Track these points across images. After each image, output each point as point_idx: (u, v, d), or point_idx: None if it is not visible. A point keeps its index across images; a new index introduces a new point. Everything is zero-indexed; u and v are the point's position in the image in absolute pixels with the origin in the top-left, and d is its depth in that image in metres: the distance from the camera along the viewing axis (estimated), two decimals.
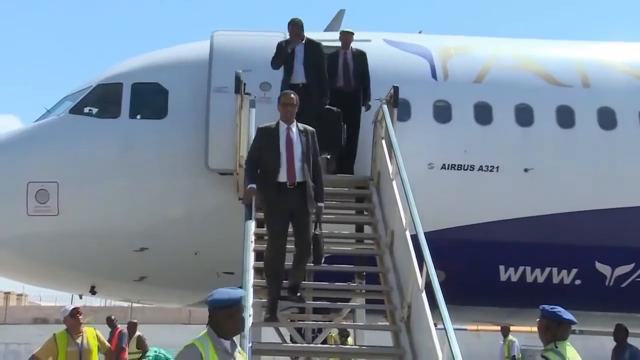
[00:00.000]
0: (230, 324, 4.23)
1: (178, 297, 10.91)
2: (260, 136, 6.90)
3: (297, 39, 8.73)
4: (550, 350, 5.03)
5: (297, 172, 6.71)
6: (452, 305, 6.30)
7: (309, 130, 6.94)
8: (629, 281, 9.31)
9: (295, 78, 8.64)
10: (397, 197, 7.57)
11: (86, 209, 9.25)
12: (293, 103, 6.86)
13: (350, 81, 9.20)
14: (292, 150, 6.72)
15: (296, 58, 8.70)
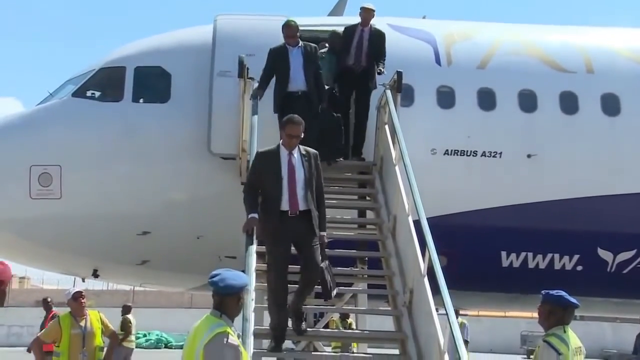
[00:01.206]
0: (238, 308, 4.30)
1: (180, 280, 10.93)
2: (260, 161, 6.41)
3: (293, 42, 8.27)
4: (552, 335, 5.05)
5: (299, 201, 6.27)
6: (453, 290, 6.32)
7: (311, 154, 6.45)
8: (630, 267, 9.32)
9: (293, 85, 8.16)
10: (400, 183, 7.58)
11: (89, 193, 9.26)
12: (299, 135, 6.33)
13: (361, 60, 8.95)
14: (295, 177, 6.28)
15: (293, 64, 8.20)
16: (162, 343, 34.22)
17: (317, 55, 8.42)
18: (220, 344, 4.07)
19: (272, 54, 8.29)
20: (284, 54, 8.22)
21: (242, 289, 4.29)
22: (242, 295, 4.29)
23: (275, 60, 8.25)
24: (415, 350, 6.60)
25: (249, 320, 5.84)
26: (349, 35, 8.98)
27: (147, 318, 34.39)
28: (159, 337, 34.71)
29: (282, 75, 8.20)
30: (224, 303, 4.26)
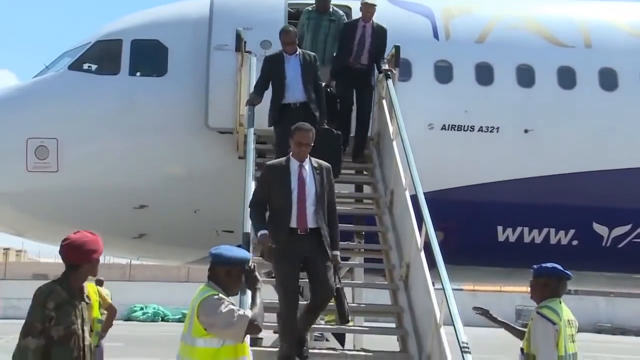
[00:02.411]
0: (228, 281, 4.27)
1: (177, 254, 10.98)
2: (268, 174, 5.97)
3: (290, 50, 7.71)
4: (545, 307, 5.12)
5: (309, 218, 5.81)
6: (450, 265, 6.36)
7: (323, 167, 5.99)
8: (625, 242, 9.37)
9: (290, 96, 7.62)
10: (397, 157, 7.59)
11: (86, 166, 9.26)
12: (309, 142, 5.89)
13: (364, 58, 8.45)
14: (305, 191, 5.82)
15: (290, 73, 7.65)
16: (159, 316, 34.43)
17: (316, 64, 7.85)
18: (214, 300, 4.13)
19: (268, 61, 7.80)
20: (280, 62, 7.70)
21: (233, 261, 4.28)
22: (234, 271, 4.27)
23: (270, 68, 7.75)
24: (412, 323, 6.65)
25: (245, 293, 5.87)
26: (349, 32, 8.49)
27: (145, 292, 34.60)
28: (156, 310, 34.91)
29: (278, 85, 7.67)
30: (213, 272, 4.29)
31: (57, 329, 4.06)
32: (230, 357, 4.16)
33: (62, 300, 4.12)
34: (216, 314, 4.08)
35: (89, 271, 4.29)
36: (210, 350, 4.13)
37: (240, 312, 4.12)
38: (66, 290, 4.18)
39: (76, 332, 4.11)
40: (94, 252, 4.30)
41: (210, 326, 4.09)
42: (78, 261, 4.26)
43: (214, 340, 4.12)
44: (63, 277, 4.25)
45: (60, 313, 4.08)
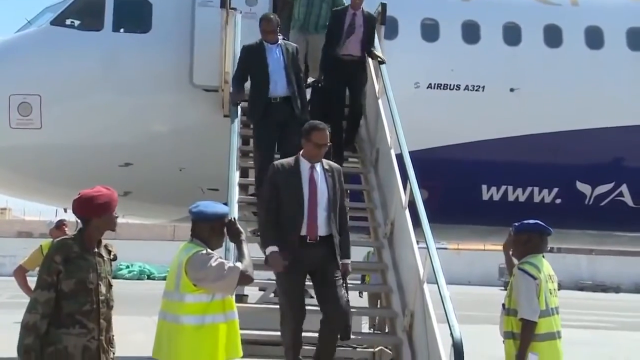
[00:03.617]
0: (211, 237, 4.34)
1: (163, 212, 10.99)
2: (277, 175, 5.43)
3: (272, 39, 7.23)
4: (527, 263, 5.20)
5: (319, 225, 5.34)
6: (434, 223, 6.41)
7: (334, 169, 5.50)
8: (607, 200, 9.47)
9: (272, 90, 7.12)
10: (383, 116, 7.59)
11: (69, 123, 9.19)
12: (326, 142, 5.40)
13: (355, 49, 7.94)
14: (316, 195, 5.34)
15: (273, 64, 7.15)
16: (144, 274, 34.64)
17: (298, 55, 7.42)
18: (202, 255, 4.18)
19: (246, 52, 7.30)
20: (261, 52, 7.17)
21: (214, 216, 4.33)
22: (216, 226, 4.33)
23: (249, 59, 7.24)
24: (395, 280, 6.73)
25: (230, 250, 5.91)
26: (337, 21, 7.95)
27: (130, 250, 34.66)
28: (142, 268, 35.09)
29: (260, 78, 7.15)
30: (196, 230, 4.36)
31: (68, 282, 4.07)
32: (219, 311, 4.22)
33: (72, 254, 4.13)
34: (206, 268, 4.13)
35: (101, 226, 4.25)
36: (199, 305, 4.17)
37: (230, 264, 4.18)
38: (79, 244, 4.18)
39: (88, 286, 4.11)
40: (102, 207, 4.25)
41: (200, 281, 4.14)
42: (86, 215, 4.26)
43: (203, 296, 4.17)
44: (78, 232, 4.27)
45: (70, 267, 4.09)
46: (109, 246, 4.40)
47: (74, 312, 4.08)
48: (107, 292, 4.23)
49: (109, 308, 4.24)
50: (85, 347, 4.07)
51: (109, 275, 4.30)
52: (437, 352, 5.39)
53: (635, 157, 9.49)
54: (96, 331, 4.12)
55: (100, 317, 4.14)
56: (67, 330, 4.06)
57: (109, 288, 4.26)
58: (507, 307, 5.22)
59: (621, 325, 19.99)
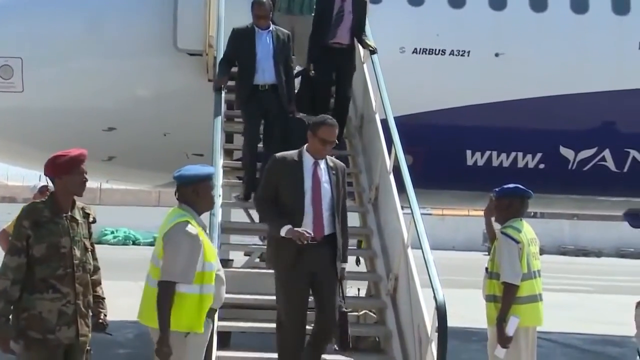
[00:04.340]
0: (196, 200, 4.34)
1: (147, 177, 10.95)
2: (277, 168, 5.15)
3: (263, 24, 7.05)
4: (509, 227, 5.27)
5: (325, 224, 5.09)
6: (419, 189, 6.44)
7: (339, 168, 5.25)
8: (590, 165, 9.52)
9: (259, 77, 6.96)
10: (368, 81, 7.56)
11: (52, 87, 9.09)
12: (334, 140, 5.19)
13: (344, 37, 7.61)
14: (320, 193, 5.09)
15: (262, 51, 6.96)
16: (130, 240, 34.61)
17: (289, 43, 7.16)
18: (178, 232, 4.18)
19: (236, 35, 7.10)
20: (251, 37, 6.99)
21: (196, 178, 4.33)
22: (201, 188, 4.33)
23: (238, 44, 7.06)
24: (380, 244, 6.77)
25: (215, 214, 5.92)
26: (325, 7, 7.59)
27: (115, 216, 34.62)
28: (127, 234, 35.06)
29: (247, 64, 7.00)
30: (180, 193, 4.36)
31: (39, 247, 4.03)
32: (197, 282, 4.22)
33: (43, 218, 4.08)
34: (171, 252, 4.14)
35: (66, 187, 4.17)
36: None
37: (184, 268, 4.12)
38: (49, 208, 4.12)
39: (60, 250, 4.06)
40: (62, 166, 4.18)
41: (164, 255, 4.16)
42: (50, 175, 4.23)
43: None
44: (49, 196, 4.23)
45: (41, 231, 4.04)
46: (87, 209, 4.33)
47: (47, 277, 4.02)
48: (83, 256, 4.15)
49: (86, 272, 4.17)
50: (60, 311, 4.02)
51: (85, 239, 4.22)
52: (420, 315, 5.45)
53: (618, 122, 9.54)
54: (72, 295, 4.06)
55: (76, 282, 4.08)
56: (41, 295, 4.01)
57: (85, 251, 4.18)
58: (490, 270, 5.29)
59: (601, 288, 20.29)
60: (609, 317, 14.33)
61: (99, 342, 4.61)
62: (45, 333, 4.01)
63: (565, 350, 10.63)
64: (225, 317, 5.86)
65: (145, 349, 4.84)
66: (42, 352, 4.02)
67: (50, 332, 4.02)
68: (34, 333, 4.01)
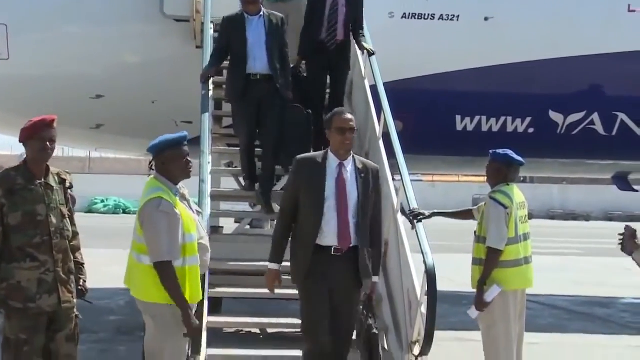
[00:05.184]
0: (168, 169, 4.19)
1: (136, 145, 10.87)
2: (301, 171, 4.68)
3: (253, 10, 6.67)
4: (498, 192, 5.29)
5: (353, 233, 4.55)
6: (408, 154, 6.44)
7: (370, 169, 4.71)
8: (579, 129, 9.54)
9: (251, 66, 6.57)
10: (356, 46, 7.52)
11: (38, 54, 8.99)
12: (352, 126, 4.64)
13: (339, 33, 7.21)
14: (346, 199, 4.55)
15: (253, 39, 6.59)
16: (120, 209, 34.63)
17: (284, 28, 6.76)
18: (152, 211, 4.08)
19: (226, 23, 6.76)
20: (241, 24, 6.62)
21: (165, 145, 4.20)
22: (172, 155, 4.18)
23: (228, 32, 6.72)
24: None
25: (205, 181, 5.92)
26: (317, 2, 7.21)
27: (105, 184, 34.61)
28: (117, 203, 35.07)
29: (238, 53, 6.63)
30: (155, 164, 4.23)
31: (14, 215, 3.99)
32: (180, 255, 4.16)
33: (16, 186, 4.03)
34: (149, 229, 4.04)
35: (32, 152, 4.08)
36: None
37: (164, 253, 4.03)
38: (22, 175, 4.07)
39: (36, 218, 4.03)
40: (26, 131, 4.10)
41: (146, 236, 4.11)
42: (20, 141, 4.17)
43: None
44: (23, 163, 4.17)
45: (15, 199, 4.00)
46: (62, 174, 4.24)
47: (24, 246, 3.99)
48: (60, 223, 4.09)
49: (63, 238, 4.12)
50: (40, 280, 3.99)
51: (62, 205, 4.15)
52: (410, 279, 5.49)
53: (607, 86, 9.54)
54: (50, 263, 4.03)
55: (54, 249, 4.04)
56: (19, 264, 3.99)
57: (62, 218, 4.12)
58: (477, 234, 5.32)
59: (589, 251, 20.49)
60: (596, 279, 14.51)
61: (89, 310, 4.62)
62: (26, 302, 3.99)
63: (553, 312, 10.76)
64: (216, 283, 5.88)
65: (135, 316, 4.86)
66: (24, 321, 4.00)
67: (30, 301, 4.00)
68: (15, 302, 3.99)
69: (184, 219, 4.15)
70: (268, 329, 7.34)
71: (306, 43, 7.23)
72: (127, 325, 8.58)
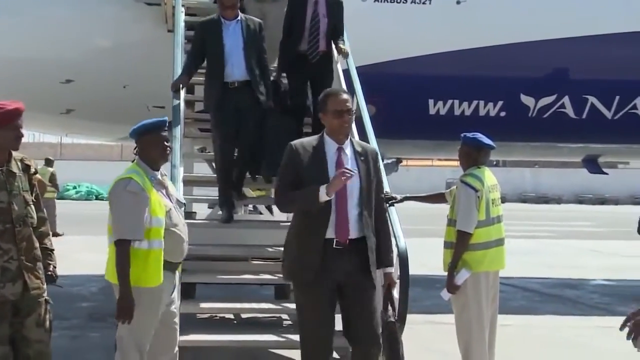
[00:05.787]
0: (146, 153, 4.34)
1: (107, 131, 10.81)
2: (295, 162, 4.23)
3: (230, 15, 6.38)
4: (469, 175, 5.32)
5: (352, 225, 4.16)
6: (382, 139, 6.45)
7: (369, 152, 4.37)
8: (550, 112, 9.61)
9: (229, 74, 6.30)
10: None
11: (7, 37, 8.85)
12: (348, 108, 4.24)
13: (320, 44, 6.86)
14: (345, 188, 4.14)
15: (231, 45, 6.31)
16: (92, 195, 34.34)
17: (262, 34, 6.46)
18: (118, 189, 4.21)
19: (202, 28, 6.46)
20: (217, 29, 6.31)
21: (142, 130, 4.35)
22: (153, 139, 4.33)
23: (204, 38, 6.40)
24: None
25: (177, 166, 5.89)
26: (297, 11, 6.84)
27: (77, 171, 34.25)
28: (89, 189, 34.77)
29: (215, 60, 6.35)
30: (138, 150, 4.39)
31: None
32: (145, 237, 4.22)
33: None
34: (115, 207, 4.17)
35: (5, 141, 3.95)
36: None
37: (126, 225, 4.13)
38: None
39: None
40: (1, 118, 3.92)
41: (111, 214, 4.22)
42: None
43: None
44: None
45: None
46: (26, 160, 4.15)
47: None
48: (23, 210, 4.00)
49: (27, 226, 4.02)
50: (3, 268, 3.90)
51: (25, 192, 4.05)
52: None
53: (576, 69, 9.61)
54: (14, 251, 3.92)
55: (17, 237, 3.94)
56: None
57: (26, 205, 4.03)
58: (449, 218, 5.35)
59: (560, 234, 20.75)
60: (568, 261, 14.70)
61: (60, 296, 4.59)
62: None
63: (526, 294, 10.88)
64: (189, 269, 5.87)
65: (108, 302, 4.84)
66: None
67: None
68: None
69: (153, 202, 4.21)
70: (242, 314, 7.35)
71: (287, 56, 6.87)
72: (99, 312, 8.54)
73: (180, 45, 7.11)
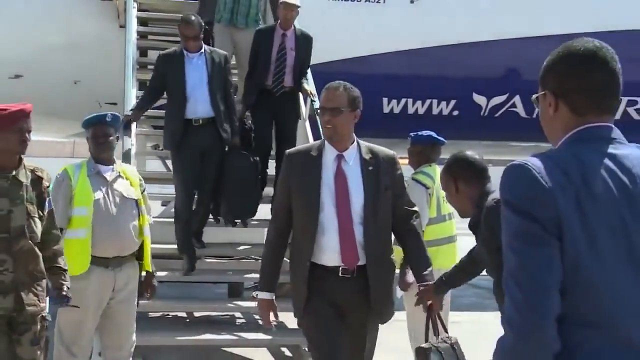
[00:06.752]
0: (92, 145, 4.55)
1: (59, 127, 10.65)
2: (290, 173, 3.68)
3: (193, 47, 6.01)
4: (420, 172, 5.38)
5: (360, 249, 3.54)
6: None
7: (382, 158, 3.72)
8: (502, 111, 9.76)
9: (191, 110, 5.90)
10: None
11: None
12: (334, 106, 3.71)
13: (287, 79, 6.52)
14: (348, 202, 3.55)
15: (193, 78, 5.94)
16: None
17: (228, 66, 6.15)
18: (56, 180, 4.46)
19: (163, 61, 6.09)
20: (179, 63, 5.97)
21: (85, 124, 4.56)
22: (94, 134, 4.52)
23: (165, 71, 6.03)
24: None
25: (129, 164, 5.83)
26: (264, 44, 6.46)
27: None
28: None
29: (176, 96, 5.96)
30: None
31: None
32: (72, 228, 4.40)
33: None
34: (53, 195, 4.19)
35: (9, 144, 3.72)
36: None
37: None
38: None
39: None
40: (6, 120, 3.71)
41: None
42: None
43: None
44: None
45: None
46: (38, 171, 3.88)
47: None
48: (24, 221, 3.69)
49: (26, 238, 3.70)
50: None
51: (29, 203, 3.75)
52: None
53: (527, 69, 9.75)
54: (9, 263, 3.62)
55: (13, 248, 3.64)
56: None
57: (28, 217, 3.72)
58: None
59: None
60: None
61: None
62: None
63: (476, 291, 11.02)
64: None
65: None
66: None
67: None
68: None
69: (77, 192, 4.34)
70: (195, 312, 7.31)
71: (251, 91, 6.51)
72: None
73: (132, 42, 7.04)
